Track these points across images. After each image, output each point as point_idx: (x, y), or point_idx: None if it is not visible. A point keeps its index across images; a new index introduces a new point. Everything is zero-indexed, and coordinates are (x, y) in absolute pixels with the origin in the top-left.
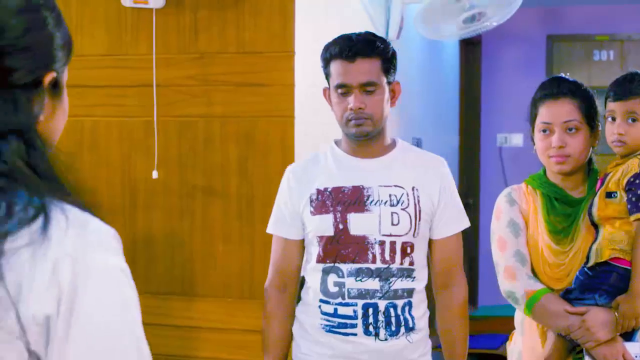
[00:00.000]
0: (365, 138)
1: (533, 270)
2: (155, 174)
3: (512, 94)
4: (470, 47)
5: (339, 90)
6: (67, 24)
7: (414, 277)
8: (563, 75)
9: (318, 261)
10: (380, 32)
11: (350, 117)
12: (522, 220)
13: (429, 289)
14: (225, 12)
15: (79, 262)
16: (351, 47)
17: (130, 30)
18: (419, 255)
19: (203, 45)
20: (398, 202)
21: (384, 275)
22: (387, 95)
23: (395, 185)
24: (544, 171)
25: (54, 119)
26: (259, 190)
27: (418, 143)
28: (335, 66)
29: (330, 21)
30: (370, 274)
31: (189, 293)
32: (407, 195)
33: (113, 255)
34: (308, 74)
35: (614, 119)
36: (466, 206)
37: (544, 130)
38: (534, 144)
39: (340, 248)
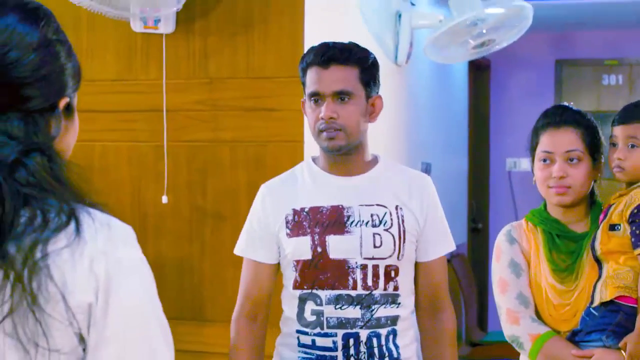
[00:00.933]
0: (340, 153)
1: (537, 312)
2: (165, 199)
3: (521, 118)
4: (479, 72)
5: (312, 99)
6: (78, 49)
7: (399, 303)
8: (567, 104)
9: (294, 287)
10: (389, 57)
11: (321, 128)
12: (523, 259)
13: None
14: (235, 37)
15: (110, 257)
16: (325, 53)
17: (140, 56)
18: (405, 280)
19: (213, 71)
20: (381, 222)
21: (365, 302)
22: (363, 107)
23: (378, 205)
24: (545, 206)
25: (67, 136)
26: None
27: (427, 168)
28: (310, 74)
29: None
30: (351, 301)
31: (198, 318)
32: (391, 215)
33: (134, 249)
34: None
35: (615, 145)
36: (475, 230)
37: (545, 160)
38: (534, 174)
39: (319, 273)
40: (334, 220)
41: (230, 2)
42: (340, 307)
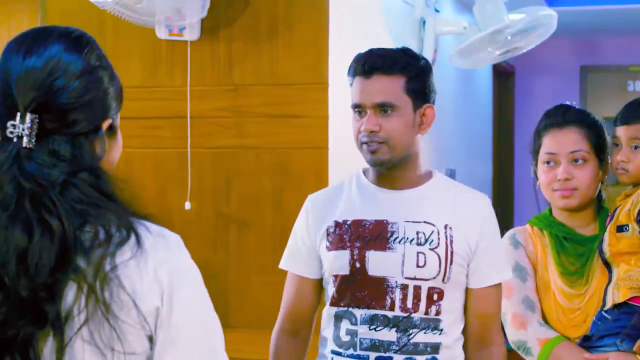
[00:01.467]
0: (385, 167)
1: (545, 319)
2: (188, 205)
3: None
4: (504, 78)
5: (355, 110)
6: None
7: (442, 330)
8: (570, 103)
9: (331, 304)
10: None
11: (363, 140)
12: (528, 263)
13: None
14: (260, 44)
15: (170, 264)
16: (367, 62)
17: (165, 63)
18: (451, 305)
19: (237, 77)
20: (426, 240)
21: (402, 325)
22: (410, 119)
23: (425, 222)
24: (550, 210)
25: (111, 154)
26: (293, 221)
27: (452, 174)
28: (354, 83)
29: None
30: (387, 322)
31: (223, 324)
32: (438, 234)
33: (186, 255)
34: (342, 106)
35: (617, 146)
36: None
37: (548, 162)
38: (537, 178)
39: (356, 290)
40: (376, 235)
41: (255, 10)
42: (375, 328)
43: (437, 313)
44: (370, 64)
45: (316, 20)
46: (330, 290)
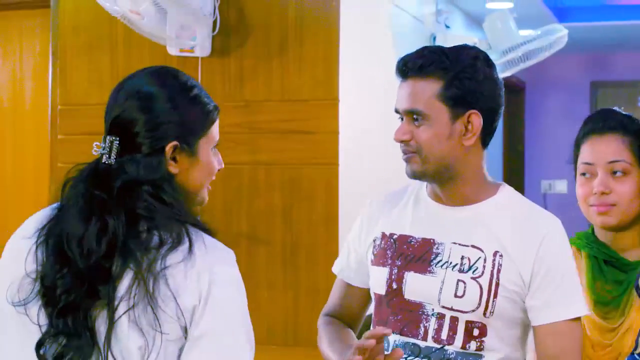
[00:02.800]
0: (423, 179)
1: None
2: None
3: (556, 140)
4: (514, 93)
5: (397, 116)
6: (114, 72)
7: None
8: (615, 108)
9: (372, 324)
10: None
11: (401, 149)
12: None
13: None
14: (270, 60)
15: (213, 272)
16: (404, 61)
17: None
18: (499, 343)
19: (248, 93)
20: (470, 268)
21: (434, 357)
22: (445, 129)
23: (473, 246)
24: (593, 229)
25: (191, 171)
26: (304, 237)
27: None
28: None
29: (374, 68)
30: (417, 352)
31: None
32: (485, 261)
33: (233, 267)
34: (352, 121)
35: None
36: None
37: (584, 174)
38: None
39: (390, 313)
40: (420, 255)
41: (265, 26)
42: (405, 358)
43: (479, 349)
44: (406, 64)
45: (326, 36)
46: (371, 307)
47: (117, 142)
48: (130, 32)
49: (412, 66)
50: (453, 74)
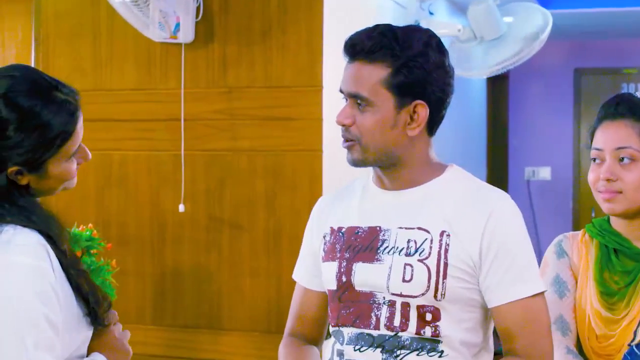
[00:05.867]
0: (363, 166)
1: (579, 343)
2: (181, 208)
3: (540, 127)
4: (498, 81)
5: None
6: (97, 59)
7: (442, 353)
8: (633, 93)
9: (330, 322)
10: None
11: (342, 134)
12: (571, 277)
13: None
14: (254, 47)
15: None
16: (352, 42)
17: (160, 65)
18: (453, 327)
19: (231, 80)
20: (417, 250)
21: (388, 345)
22: (389, 118)
23: (419, 228)
24: (609, 217)
25: (41, 183)
26: (287, 224)
27: None
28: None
29: None
30: (371, 342)
31: (216, 326)
32: (431, 242)
33: (16, 256)
34: (336, 108)
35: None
36: None
37: (595, 159)
38: None
39: (342, 307)
40: (367, 244)
41: (249, 13)
42: (359, 349)
43: (435, 334)
44: (354, 47)
45: (310, 22)
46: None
47: None
48: (113, 18)
49: (360, 48)
50: (402, 62)
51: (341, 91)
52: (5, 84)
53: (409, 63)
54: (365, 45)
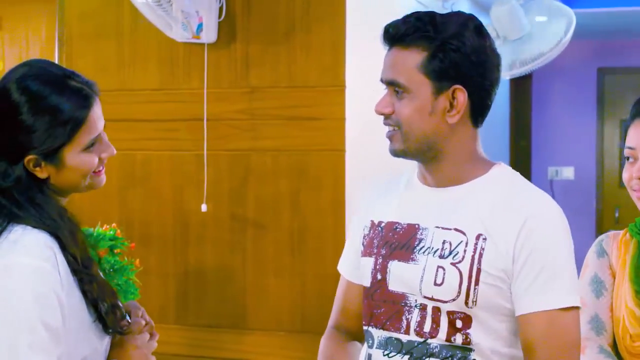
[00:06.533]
0: (405, 158)
1: (615, 344)
2: (204, 207)
3: (563, 126)
4: (520, 81)
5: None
6: (120, 59)
7: None
8: None
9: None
10: None
11: (383, 123)
12: (609, 277)
13: None
14: (277, 47)
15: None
16: (389, 29)
17: (182, 65)
18: (484, 335)
19: (254, 80)
20: (450, 253)
21: (416, 353)
22: (427, 104)
23: (456, 229)
24: None
25: (60, 175)
26: (311, 223)
27: None
28: None
29: (380, 54)
30: (399, 348)
31: (240, 326)
32: (466, 245)
33: (23, 256)
34: (359, 108)
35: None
36: None
37: (628, 158)
38: None
39: (374, 305)
40: (404, 242)
41: (272, 13)
42: (388, 354)
43: (466, 342)
44: (391, 33)
45: (333, 22)
46: None
47: None
48: (136, 19)
49: (394, 34)
50: (437, 44)
51: (381, 80)
52: (20, 71)
53: (444, 46)
54: (400, 30)
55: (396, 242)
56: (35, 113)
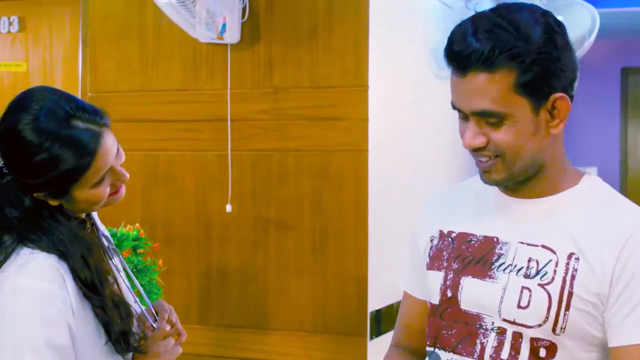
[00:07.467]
0: (510, 184)
1: None
2: (229, 208)
3: (586, 127)
4: None
5: (455, 109)
6: (143, 60)
7: None
8: None
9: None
10: None
11: (473, 155)
12: None
13: None
14: (300, 47)
15: (7, 282)
16: (462, 52)
17: (205, 66)
18: None
19: (277, 80)
20: (537, 273)
21: None
22: (529, 124)
23: (543, 246)
24: None
25: (75, 205)
26: (333, 224)
27: None
28: (450, 77)
29: (403, 55)
30: None
31: (262, 326)
32: (557, 265)
33: (30, 279)
34: (382, 108)
35: None
36: None
37: None
38: None
39: (443, 326)
40: (480, 256)
41: (295, 12)
42: None
43: None
44: (466, 55)
45: (356, 22)
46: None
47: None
48: (159, 19)
49: (476, 58)
50: (532, 58)
51: (457, 109)
52: (20, 117)
53: (535, 59)
54: (483, 53)
55: (470, 256)
56: (36, 164)
